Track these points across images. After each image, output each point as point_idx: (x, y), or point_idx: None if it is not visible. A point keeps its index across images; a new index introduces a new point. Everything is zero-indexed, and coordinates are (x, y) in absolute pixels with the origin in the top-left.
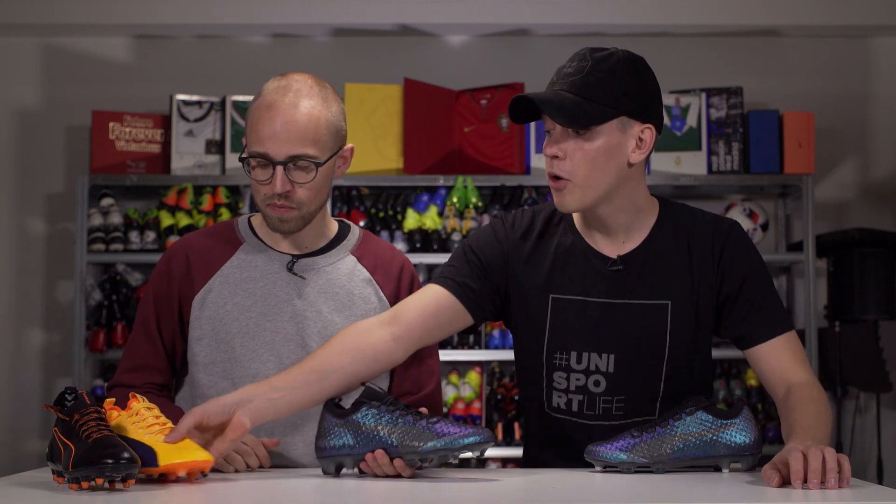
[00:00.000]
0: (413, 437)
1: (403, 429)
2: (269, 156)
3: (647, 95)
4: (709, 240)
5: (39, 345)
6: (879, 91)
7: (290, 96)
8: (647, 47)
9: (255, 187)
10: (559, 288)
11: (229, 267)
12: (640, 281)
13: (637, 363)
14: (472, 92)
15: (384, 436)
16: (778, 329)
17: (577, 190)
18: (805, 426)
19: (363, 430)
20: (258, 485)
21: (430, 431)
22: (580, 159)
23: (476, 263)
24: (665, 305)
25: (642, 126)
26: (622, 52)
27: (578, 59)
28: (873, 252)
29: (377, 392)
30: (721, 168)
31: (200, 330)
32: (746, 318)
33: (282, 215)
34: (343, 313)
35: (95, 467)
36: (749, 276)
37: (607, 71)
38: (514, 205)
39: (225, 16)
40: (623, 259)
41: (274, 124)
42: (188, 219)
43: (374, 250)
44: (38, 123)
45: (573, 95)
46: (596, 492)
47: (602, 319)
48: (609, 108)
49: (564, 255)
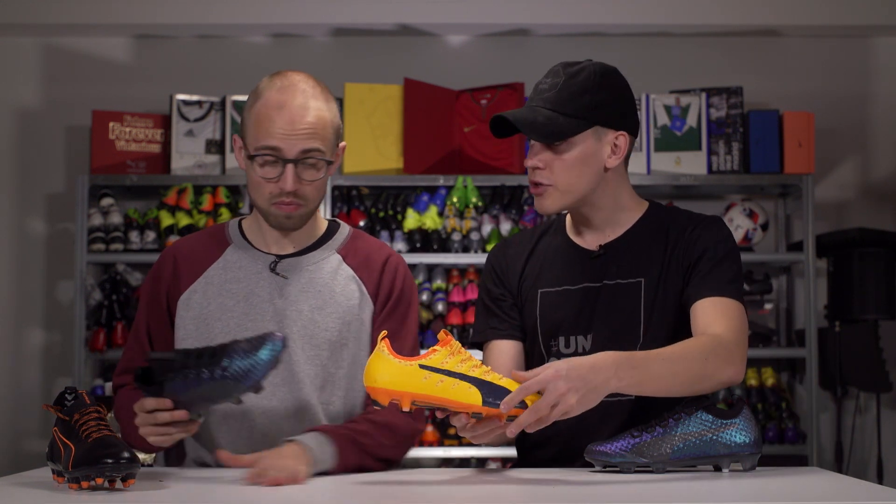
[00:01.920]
0: (221, 392)
1: (209, 386)
2: (281, 152)
3: (618, 104)
4: (686, 226)
5: (39, 345)
6: (879, 91)
7: (299, 97)
8: (647, 47)
9: (258, 185)
10: (546, 282)
11: (215, 268)
12: (617, 265)
13: (614, 341)
14: (472, 92)
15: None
16: (715, 292)
17: (557, 193)
18: (636, 354)
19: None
20: (256, 487)
21: (224, 382)
22: (558, 169)
23: (493, 299)
24: (639, 283)
25: (616, 133)
26: (594, 66)
27: (552, 76)
28: (873, 252)
29: (164, 359)
30: (721, 168)
31: (185, 330)
32: (692, 281)
33: (290, 212)
34: (324, 311)
35: (95, 467)
36: (708, 249)
37: (579, 85)
38: (514, 205)
39: (225, 16)
40: (604, 247)
41: (286, 123)
42: (188, 219)
43: (361, 248)
44: (38, 123)
45: (548, 111)
46: (596, 492)
47: (584, 303)
48: (582, 119)
49: (553, 253)
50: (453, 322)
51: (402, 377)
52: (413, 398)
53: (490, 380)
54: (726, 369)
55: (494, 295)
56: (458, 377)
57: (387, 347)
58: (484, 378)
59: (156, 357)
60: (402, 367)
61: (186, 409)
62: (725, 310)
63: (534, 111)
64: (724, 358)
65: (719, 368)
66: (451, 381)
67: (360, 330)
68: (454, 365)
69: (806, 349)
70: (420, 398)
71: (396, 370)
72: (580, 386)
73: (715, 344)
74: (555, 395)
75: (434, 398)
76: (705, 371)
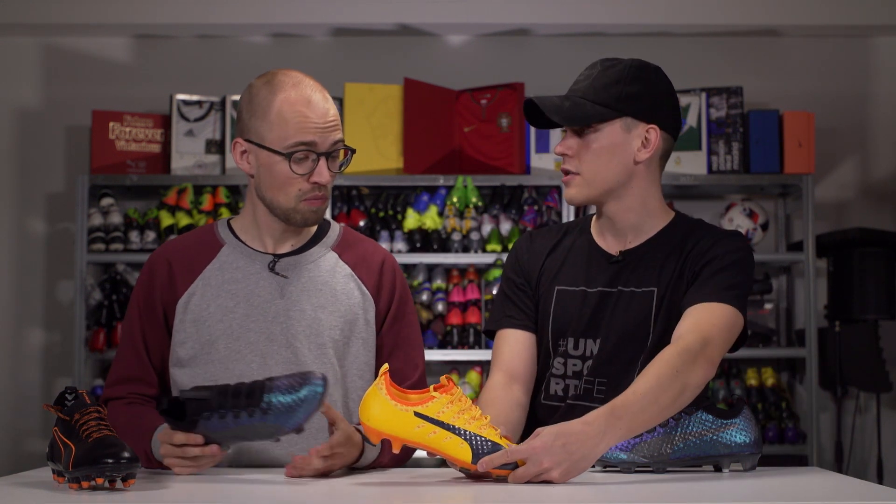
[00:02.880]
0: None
1: (249, 427)
2: (316, 146)
3: (651, 98)
4: (702, 238)
5: (39, 345)
6: (879, 91)
7: (317, 92)
8: (647, 47)
9: (288, 183)
10: (565, 280)
11: (211, 269)
12: (635, 272)
13: (622, 347)
14: (472, 92)
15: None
16: (707, 298)
17: (584, 183)
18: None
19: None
20: (256, 486)
21: (263, 423)
22: (585, 157)
23: (513, 288)
24: (651, 292)
25: (647, 126)
26: (633, 60)
27: (590, 68)
28: (873, 252)
29: (199, 398)
30: (721, 168)
31: (184, 333)
32: (690, 289)
33: (318, 206)
34: (327, 309)
35: (96, 467)
36: (716, 258)
37: (612, 76)
38: (514, 205)
39: (225, 16)
40: (624, 253)
41: (318, 117)
42: (188, 219)
43: (355, 246)
44: (38, 123)
45: (578, 98)
46: (596, 492)
47: (598, 307)
48: (610, 109)
49: (575, 253)
50: (453, 322)
51: (396, 421)
52: (404, 442)
53: (486, 435)
54: (694, 375)
55: (515, 283)
56: (451, 430)
57: (385, 386)
58: (479, 433)
59: (190, 397)
60: (397, 411)
61: (218, 444)
62: (706, 313)
63: (565, 99)
64: (689, 364)
65: (690, 377)
66: (443, 434)
67: (365, 329)
68: (451, 416)
69: (806, 349)
70: (411, 444)
71: (391, 413)
72: (563, 460)
73: (678, 355)
74: (536, 469)
75: (425, 447)
76: (681, 385)
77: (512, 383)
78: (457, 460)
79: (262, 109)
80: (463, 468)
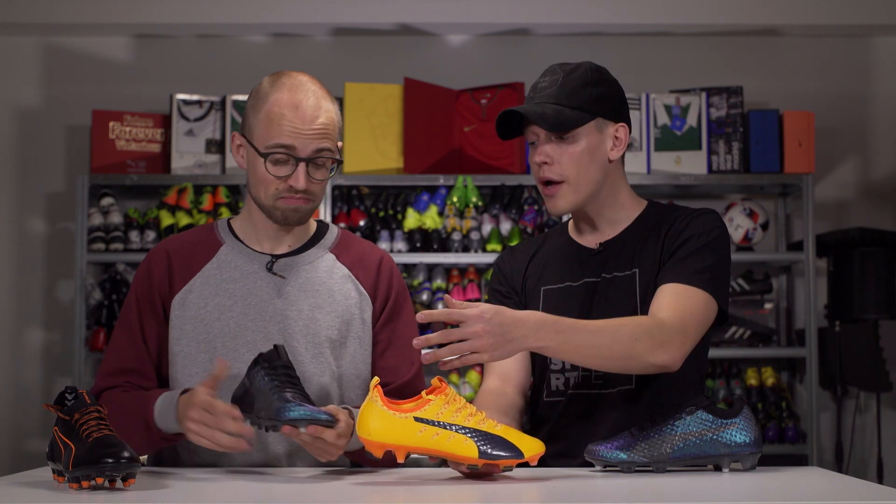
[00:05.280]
0: (267, 405)
1: (268, 396)
2: (295, 151)
3: (616, 98)
4: (678, 218)
5: (39, 344)
6: (879, 91)
7: (312, 97)
8: (647, 47)
9: (265, 181)
10: (549, 280)
11: (210, 268)
12: (616, 259)
13: None
14: (472, 91)
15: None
16: (681, 279)
17: (570, 190)
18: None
19: (251, 389)
20: (256, 485)
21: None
22: (567, 161)
23: (499, 298)
24: (633, 274)
25: (616, 125)
26: (588, 63)
27: (550, 74)
28: (873, 252)
29: (274, 356)
30: (721, 167)
31: (181, 330)
32: (665, 267)
33: (298, 206)
34: (324, 309)
35: (96, 466)
36: (692, 238)
37: (579, 80)
38: (514, 204)
39: (225, 16)
40: (603, 244)
41: (301, 122)
42: (188, 218)
43: (352, 248)
44: (38, 123)
45: (552, 105)
46: (596, 492)
47: (585, 298)
48: (586, 112)
49: (556, 254)
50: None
51: (397, 430)
52: (408, 450)
53: (486, 429)
54: (658, 354)
55: (501, 293)
56: (453, 429)
57: (379, 397)
58: (480, 428)
59: None
60: (397, 419)
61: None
62: (683, 297)
63: (540, 106)
64: (658, 342)
65: (649, 352)
66: (446, 434)
67: (362, 329)
68: (449, 415)
69: (806, 349)
70: (416, 450)
71: (390, 423)
72: (497, 332)
73: (651, 327)
74: (470, 331)
75: (430, 451)
76: (633, 351)
77: (506, 386)
78: (463, 458)
79: (257, 107)
80: (470, 465)
